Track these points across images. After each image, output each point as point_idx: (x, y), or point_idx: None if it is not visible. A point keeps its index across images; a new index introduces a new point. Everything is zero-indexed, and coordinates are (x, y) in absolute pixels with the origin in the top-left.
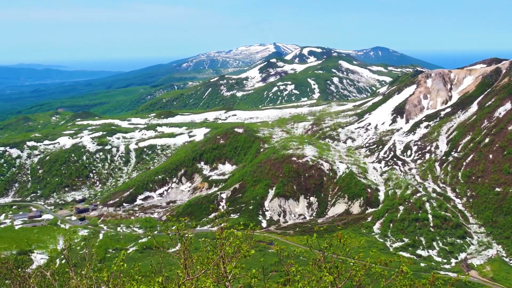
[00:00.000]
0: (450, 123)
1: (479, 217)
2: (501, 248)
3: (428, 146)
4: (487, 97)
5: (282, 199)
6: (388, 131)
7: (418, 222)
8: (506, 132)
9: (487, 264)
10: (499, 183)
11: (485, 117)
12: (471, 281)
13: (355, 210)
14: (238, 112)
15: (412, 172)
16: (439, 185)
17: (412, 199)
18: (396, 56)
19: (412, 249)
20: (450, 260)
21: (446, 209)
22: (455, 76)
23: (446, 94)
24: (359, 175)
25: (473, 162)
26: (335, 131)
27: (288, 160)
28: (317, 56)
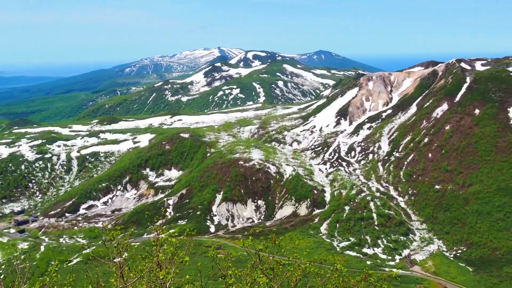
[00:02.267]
0: (391, 124)
1: (420, 214)
2: (442, 243)
3: (371, 147)
4: (425, 98)
5: (230, 204)
6: (332, 133)
7: (363, 221)
8: (444, 132)
9: (429, 259)
10: (438, 180)
11: (424, 118)
12: (401, 275)
13: (302, 212)
14: (184, 117)
15: (357, 173)
16: (382, 184)
17: (357, 199)
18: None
19: (358, 248)
20: (394, 257)
21: (389, 207)
22: (395, 79)
23: (387, 96)
24: (306, 177)
25: (414, 161)
26: (281, 134)
27: (235, 164)
28: (262, 60)
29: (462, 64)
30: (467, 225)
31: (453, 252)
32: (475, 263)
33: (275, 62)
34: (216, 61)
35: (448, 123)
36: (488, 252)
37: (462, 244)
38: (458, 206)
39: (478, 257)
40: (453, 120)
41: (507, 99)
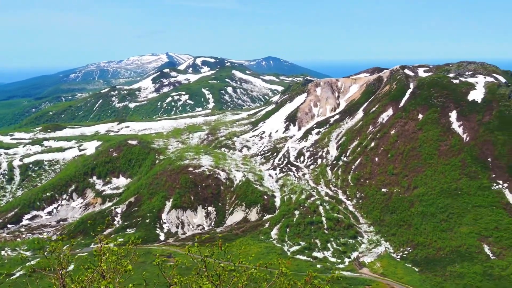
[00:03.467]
0: (339, 129)
1: (368, 217)
2: (389, 245)
3: (319, 152)
4: (371, 104)
5: (180, 211)
6: (282, 139)
7: (313, 225)
8: (389, 136)
9: (377, 261)
10: (384, 184)
11: (370, 123)
12: (350, 278)
13: (252, 217)
14: (132, 124)
15: (306, 177)
16: (331, 188)
17: (307, 203)
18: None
19: (308, 252)
20: (344, 260)
21: (338, 211)
22: (342, 85)
23: (335, 102)
24: (256, 183)
25: (361, 165)
26: (230, 140)
27: (184, 171)
28: (211, 66)
29: (406, 70)
30: (413, 226)
31: (400, 253)
32: (420, 263)
33: (224, 68)
34: (165, 67)
35: (393, 127)
36: (432, 252)
37: (408, 245)
38: (403, 208)
39: (423, 257)
40: (398, 125)
41: (448, 104)
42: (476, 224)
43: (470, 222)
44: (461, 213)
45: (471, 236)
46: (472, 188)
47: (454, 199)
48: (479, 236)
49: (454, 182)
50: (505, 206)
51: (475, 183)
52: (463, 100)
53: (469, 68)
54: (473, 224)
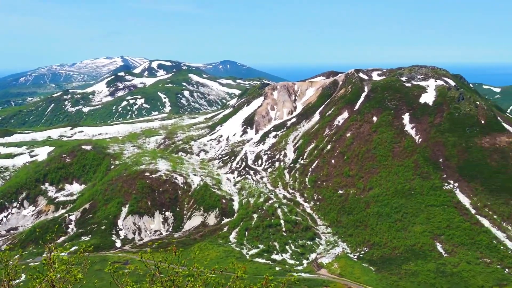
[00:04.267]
0: (296, 132)
1: (325, 218)
2: (346, 246)
3: (277, 155)
4: (327, 107)
5: (137, 216)
6: (239, 142)
7: (271, 228)
8: (345, 139)
9: (335, 262)
10: (341, 185)
11: (327, 126)
12: (308, 279)
13: (211, 222)
14: (86, 129)
15: (264, 181)
16: (289, 191)
17: (265, 206)
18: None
19: (267, 255)
20: (302, 262)
21: (296, 213)
22: (298, 88)
23: (291, 105)
24: (214, 187)
25: (318, 167)
26: (188, 144)
27: (141, 176)
28: (167, 69)
29: (360, 74)
30: (369, 227)
31: (357, 254)
32: (377, 262)
33: (180, 72)
34: (119, 71)
35: (349, 130)
36: (388, 252)
37: (365, 245)
38: (360, 209)
39: (379, 256)
40: (353, 127)
41: (401, 107)
42: (429, 223)
43: (423, 221)
44: (415, 212)
45: (424, 235)
46: (425, 188)
47: (408, 199)
48: (432, 234)
49: (407, 182)
50: (456, 205)
51: (427, 183)
52: (415, 103)
53: (421, 72)
54: (426, 223)
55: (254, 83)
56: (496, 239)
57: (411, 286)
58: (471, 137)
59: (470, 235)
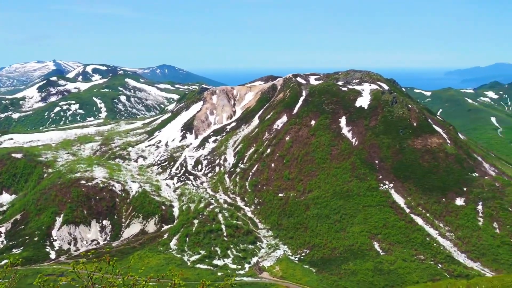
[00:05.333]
0: (235, 137)
1: (266, 222)
2: (287, 248)
3: (217, 160)
4: (266, 111)
5: (72, 226)
6: (179, 147)
7: (212, 233)
8: (284, 142)
9: (276, 264)
10: (281, 189)
11: (266, 130)
12: (250, 283)
13: (150, 229)
14: (15, 136)
15: (204, 186)
16: (230, 195)
17: (206, 212)
18: (182, 74)
19: (209, 260)
20: (244, 266)
21: (237, 218)
22: (237, 93)
23: (231, 110)
24: (153, 193)
25: (258, 171)
26: (125, 150)
27: (76, 184)
28: (102, 74)
29: (298, 78)
30: (309, 228)
31: (298, 256)
32: (317, 263)
33: (116, 76)
34: (52, 75)
35: (288, 134)
36: (328, 252)
37: (305, 247)
38: (300, 212)
39: (319, 257)
40: (292, 131)
41: (338, 111)
42: (367, 223)
43: (361, 222)
44: (353, 213)
45: (362, 235)
46: (362, 189)
47: (346, 200)
48: (369, 234)
49: (345, 184)
50: (392, 205)
51: (364, 185)
52: (351, 106)
53: (356, 76)
54: (364, 223)
55: (193, 87)
56: (429, 236)
57: (351, 285)
58: (404, 139)
59: (405, 233)
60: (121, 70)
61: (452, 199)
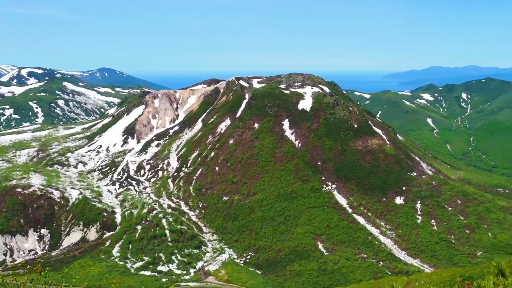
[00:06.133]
0: (179, 141)
1: (211, 225)
2: (232, 251)
3: (160, 164)
4: (209, 114)
5: (8, 236)
6: (120, 152)
7: (156, 239)
8: (228, 146)
9: (222, 268)
10: (225, 192)
11: (210, 133)
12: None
13: (92, 237)
14: None
15: (147, 191)
16: (174, 200)
17: (149, 217)
18: (123, 77)
19: (153, 267)
20: (189, 271)
21: (181, 222)
22: (180, 96)
23: (173, 113)
24: (94, 200)
25: (202, 175)
26: (64, 156)
27: (12, 192)
28: (39, 77)
29: (241, 81)
30: (254, 231)
31: (243, 258)
32: (262, 266)
33: (54, 80)
34: None
35: (231, 137)
36: (273, 254)
37: (250, 249)
38: (245, 215)
39: (265, 260)
40: (236, 134)
41: (281, 113)
42: (311, 224)
43: (305, 223)
44: (297, 214)
45: (306, 236)
46: (306, 191)
47: (290, 202)
48: (313, 235)
49: (289, 186)
50: (334, 206)
51: (307, 186)
52: (294, 109)
53: (298, 80)
54: (308, 224)
55: (134, 91)
56: (371, 235)
57: (296, 286)
58: (346, 141)
59: (348, 233)
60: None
61: (392, 198)
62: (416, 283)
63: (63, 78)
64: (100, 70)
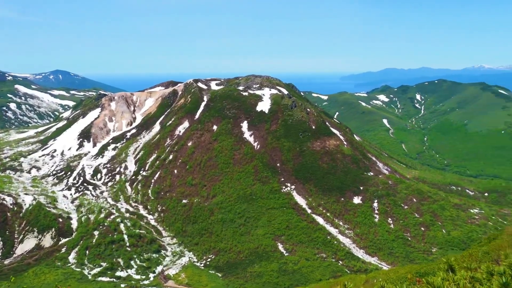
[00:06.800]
0: (136, 144)
1: (170, 229)
2: (192, 255)
3: (117, 168)
4: (167, 117)
5: None
6: (76, 156)
7: (114, 244)
8: (187, 148)
9: (182, 272)
10: (185, 195)
11: (168, 136)
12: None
13: (47, 243)
14: None
15: (104, 195)
16: (132, 204)
17: (107, 222)
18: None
19: (111, 272)
20: (148, 276)
21: (140, 227)
22: (137, 98)
23: (131, 116)
24: (49, 205)
25: (161, 178)
26: (16, 161)
27: None
28: None
29: (199, 84)
30: (214, 234)
31: (203, 261)
32: (223, 268)
33: (5, 83)
34: None
35: (190, 139)
36: (233, 256)
37: (211, 252)
38: (204, 217)
39: (225, 262)
40: (195, 137)
41: (240, 115)
42: (270, 225)
43: (265, 224)
44: (257, 216)
45: (266, 237)
46: (265, 192)
47: (250, 204)
48: (273, 236)
49: (249, 187)
50: (294, 206)
51: (267, 187)
52: (252, 111)
53: (256, 81)
54: (268, 226)
55: (90, 94)
56: (330, 235)
57: (257, 287)
58: (304, 142)
59: (308, 233)
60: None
61: (350, 198)
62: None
63: (15, 80)
64: (54, 73)
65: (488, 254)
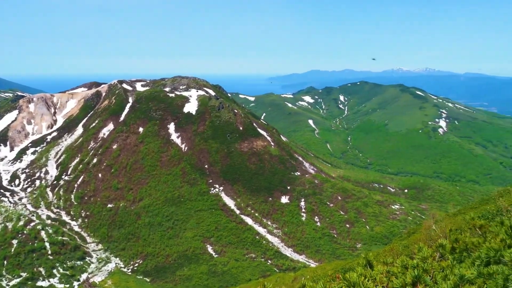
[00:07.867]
0: (58, 147)
1: (95, 235)
2: (119, 260)
3: (37, 173)
4: (91, 119)
5: None
6: None
7: (35, 253)
8: (112, 151)
9: (109, 279)
10: (110, 199)
11: (91, 138)
12: None
13: None
14: None
15: (23, 202)
16: (53, 210)
17: (26, 230)
18: None
19: (32, 283)
20: (72, 284)
21: (63, 233)
22: (58, 100)
23: (51, 118)
24: None
25: (84, 183)
26: None
27: None
28: None
29: (124, 85)
30: (141, 238)
31: (131, 267)
32: (151, 273)
33: None
34: None
35: (115, 142)
36: (162, 260)
37: (138, 257)
38: (131, 222)
39: (153, 266)
40: (120, 139)
41: (167, 117)
42: (199, 227)
43: (193, 226)
44: (185, 219)
45: (195, 239)
46: (193, 194)
47: (178, 206)
48: (202, 238)
49: (176, 190)
50: (222, 208)
51: (195, 189)
52: (179, 112)
53: (183, 83)
54: (197, 228)
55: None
56: (259, 235)
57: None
58: (232, 143)
59: (237, 234)
60: None
61: (278, 198)
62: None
63: None
64: None
65: (407, 247)
